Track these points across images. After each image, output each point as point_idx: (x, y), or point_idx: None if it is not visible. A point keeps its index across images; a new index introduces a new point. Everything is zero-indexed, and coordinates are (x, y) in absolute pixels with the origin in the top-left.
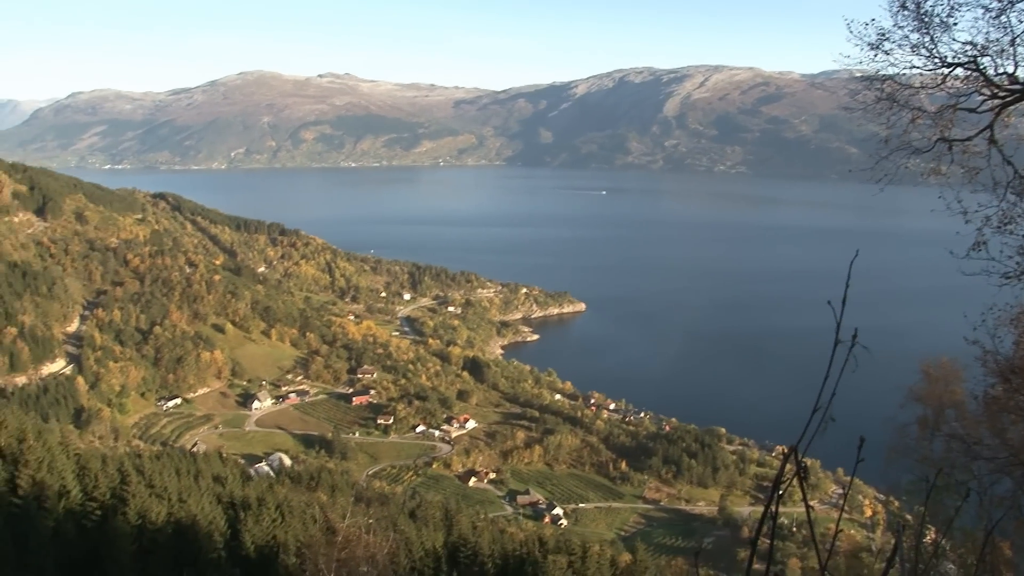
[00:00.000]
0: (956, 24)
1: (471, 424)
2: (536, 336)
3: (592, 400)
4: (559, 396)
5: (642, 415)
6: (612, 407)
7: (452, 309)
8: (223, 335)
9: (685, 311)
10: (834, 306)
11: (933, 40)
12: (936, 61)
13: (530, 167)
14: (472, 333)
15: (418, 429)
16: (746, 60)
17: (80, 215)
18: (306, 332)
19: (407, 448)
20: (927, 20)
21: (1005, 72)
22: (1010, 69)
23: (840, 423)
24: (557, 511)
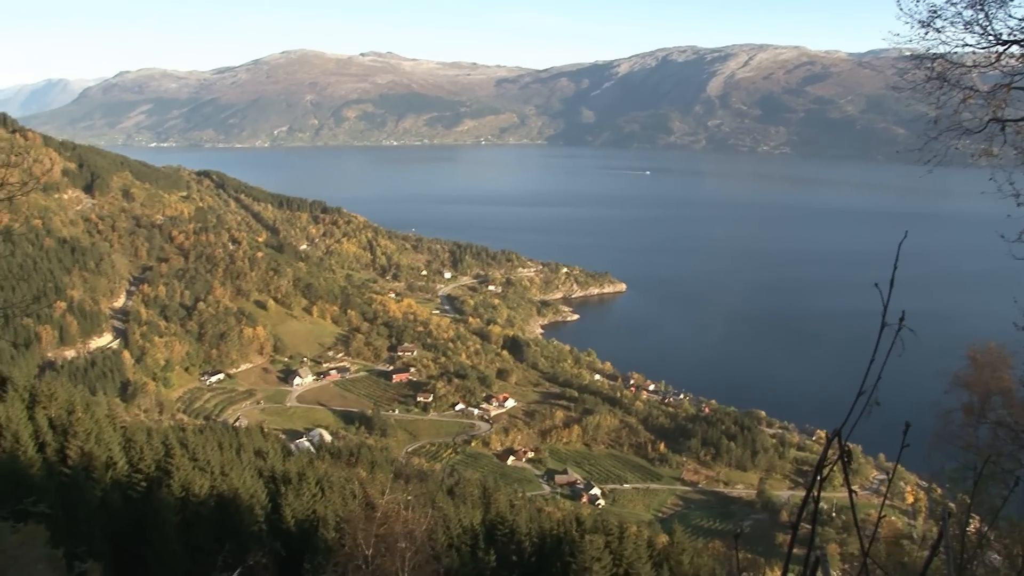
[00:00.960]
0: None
1: (510, 403)
2: (576, 316)
3: (631, 381)
4: (598, 376)
5: (681, 396)
6: (651, 388)
7: (492, 288)
8: (265, 311)
9: (727, 292)
10: (881, 288)
11: (988, 17)
12: (990, 38)
13: (572, 146)
14: (512, 312)
15: (457, 407)
16: (791, 39)
17: (127, 192)
18: (347, 309)
19: (446, 426)
20: None
21: None
22: None
23: (883, 408)
24: (595, 491)
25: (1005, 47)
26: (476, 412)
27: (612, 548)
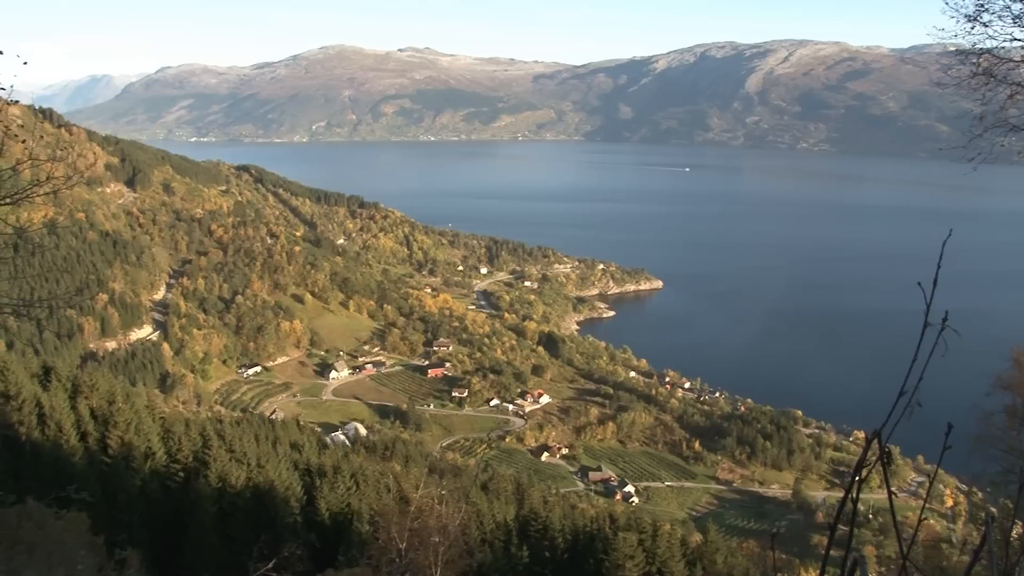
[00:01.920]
0: None
1: (545, 399)
2: (612, 312)
3: (667, 378)
4: (634, 373)
5: (717, 395)
6: (687, 386)
7: (528, 284)
8: (302, 305)
9: (764, 290)
10: (924, 287)
11: None
12: None
13: (609, 142)
14: (548, 308)
15: (492, 403)
16: (832, 34)
17: (167, 186)
18: (383, 304)
19: (481, 421)
20: None
21: None
22: None
23: (922, 409)
24: (629, 489)
25: None
26: (511, 408)
27: (645, 546)
